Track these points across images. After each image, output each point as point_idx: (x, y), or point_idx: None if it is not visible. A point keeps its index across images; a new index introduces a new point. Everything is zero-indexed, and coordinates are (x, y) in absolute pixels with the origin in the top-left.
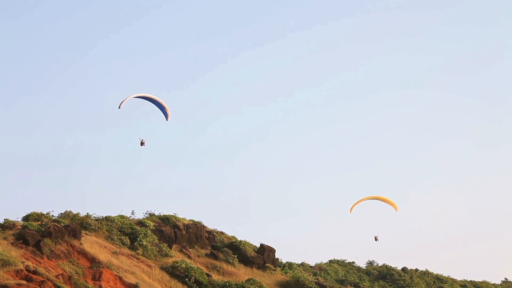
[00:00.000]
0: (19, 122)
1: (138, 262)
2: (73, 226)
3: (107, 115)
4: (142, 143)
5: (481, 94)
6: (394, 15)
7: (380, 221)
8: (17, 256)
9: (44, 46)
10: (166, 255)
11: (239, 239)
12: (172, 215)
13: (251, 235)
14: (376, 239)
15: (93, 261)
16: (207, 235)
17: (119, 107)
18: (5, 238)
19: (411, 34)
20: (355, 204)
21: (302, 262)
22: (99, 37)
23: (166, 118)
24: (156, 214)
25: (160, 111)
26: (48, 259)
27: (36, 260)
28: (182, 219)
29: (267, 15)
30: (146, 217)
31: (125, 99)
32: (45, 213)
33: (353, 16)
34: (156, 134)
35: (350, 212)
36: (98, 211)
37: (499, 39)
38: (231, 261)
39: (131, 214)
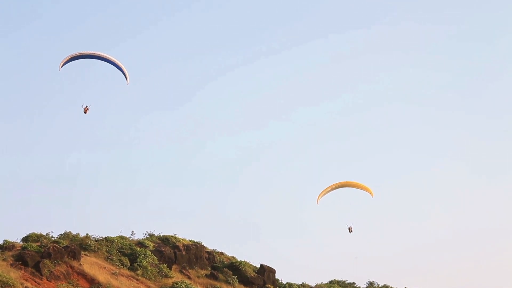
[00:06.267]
0: (18, 140)
1: (137, 283)
2: (72, 247)
3: (107, 134)
4: (85, 111)
5: (490, 111)
6: (402, 28)
7: (353, 210)
8: (16, 277)
9: (45, 61)
10: (166, 276)
11: (239, 260)
12: (172, 236)
13: (251, 255)
14: (350, 231)
15: (93, 282)
16: (207, 255)
17: (59, 69)
18: (4, 259)
19: (419, 49)
20: (322, 193)
21: (303, 282)
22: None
23: (127, 80)
24: (155, 235)
25: (117, 71)
26: (47, 280)
27: (35, 281)
28: (182, 239)
29: (272, 26)
30: (146, 237)
31: (65, 58)
32: (44, 234)
33: (361, 28)
34: (155, 152)
35: (317, 204)
36: (98, 231)
37: (508, 57)
38: (231, 281)
39: (131, 235)
